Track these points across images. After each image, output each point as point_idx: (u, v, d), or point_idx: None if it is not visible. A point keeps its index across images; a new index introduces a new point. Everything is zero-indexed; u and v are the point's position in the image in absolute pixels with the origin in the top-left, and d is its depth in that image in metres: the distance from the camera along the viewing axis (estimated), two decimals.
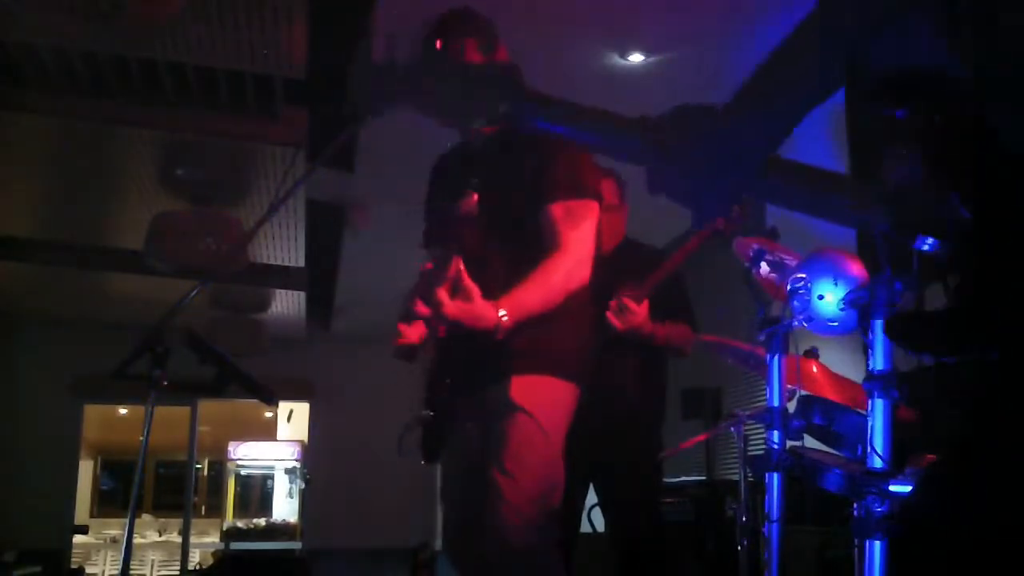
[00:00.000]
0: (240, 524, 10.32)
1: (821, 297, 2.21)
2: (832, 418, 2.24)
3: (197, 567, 10.36)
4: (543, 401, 2.21)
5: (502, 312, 2.11)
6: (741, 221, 3.05)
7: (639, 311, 3.07)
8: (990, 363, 0.89)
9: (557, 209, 2.25)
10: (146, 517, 13.61)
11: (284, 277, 7.90)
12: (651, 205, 4.02)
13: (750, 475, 2.92)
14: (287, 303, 8.67)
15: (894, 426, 1.74)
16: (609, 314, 3.07)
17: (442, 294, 2.06)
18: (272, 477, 11.07)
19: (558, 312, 2.26)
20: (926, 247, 1.07)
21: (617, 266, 3.16)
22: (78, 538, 10.45)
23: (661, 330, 3.16)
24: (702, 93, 4.83)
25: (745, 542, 2.79)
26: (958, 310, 0.90)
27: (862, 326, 1.83)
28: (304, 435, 10.91)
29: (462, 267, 2.09)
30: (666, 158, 0.90)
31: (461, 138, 2.42)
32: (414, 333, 2.34)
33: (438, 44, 2.30)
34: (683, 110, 0.93)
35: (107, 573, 10.99)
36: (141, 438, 2.23)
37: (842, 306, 2.01)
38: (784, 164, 0.93)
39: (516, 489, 2.12)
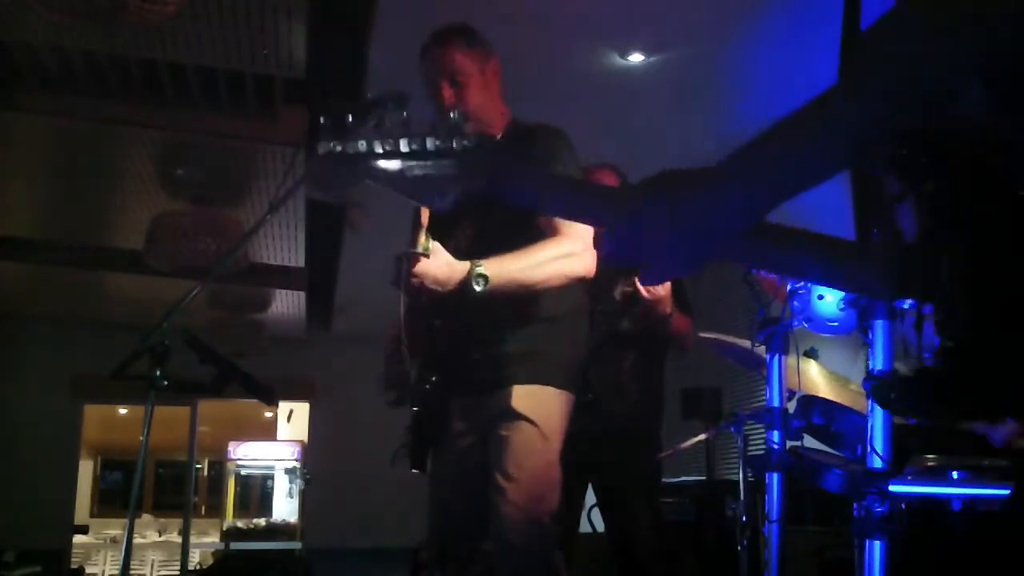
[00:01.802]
0: (240, 524, 10.30)
1: (821, 297, 2.21)
2: (832, 418, 2.24)
3: (197, 567, 10.35)
4: (543, 409, 2.27)
5: (480, 266, 2.13)
6: None
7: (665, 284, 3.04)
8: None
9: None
10: (146, 517, 13.59)
11: (284, 277, 7.89)
12: None
13: (750, 475, 2.92)
14: (287, 303, 8.67)
15: (894, 426, 1.74)
16: (635, 282, 3.03)
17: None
18: (272, 477, 11.05)
19: (555, 321, 2.31)
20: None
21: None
22: (78, 538, 10.45)
23: (676, 315, 3.14)
24: (702, 93, 4.85)
25: (745, 542, 2.79)
26: (953, 374, 0.89)
27: (862, 326, 1.83)
28: (304, 435, 10.90)
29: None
30: (636, 224, 0.87)
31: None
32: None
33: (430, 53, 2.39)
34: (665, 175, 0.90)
35: (107, 573, 10.99)
36: (141, 438, 2.23)
37: (842, 306, 2.02)
38: (774, 230, 0.93)
39: (519, 491, 2.19)
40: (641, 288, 3.03)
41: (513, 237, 2.31)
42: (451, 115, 1.04)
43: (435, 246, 2.14)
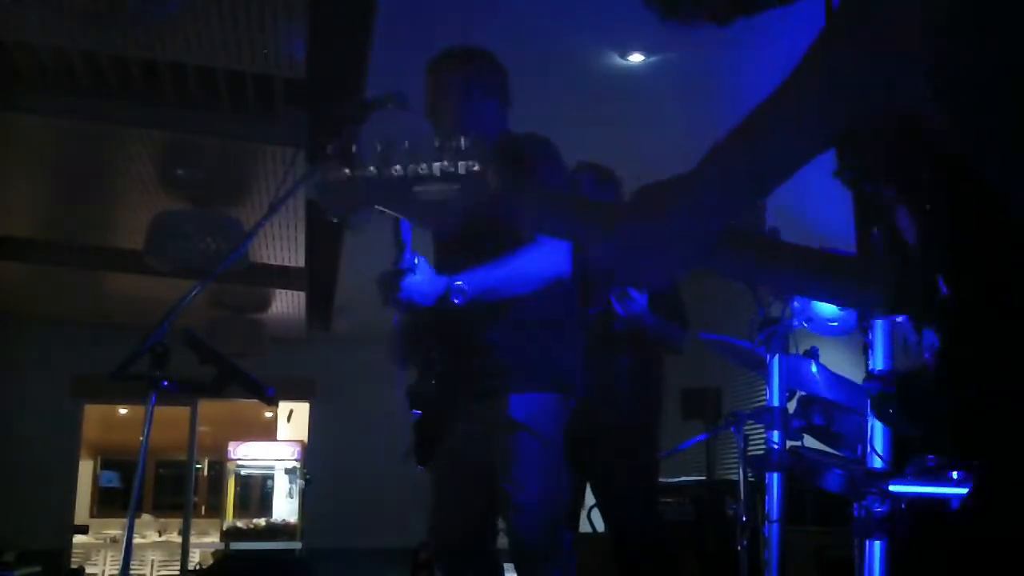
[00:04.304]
0: (240, 524, 10.31)
1: None
2: (832, 418, 2.24)
3: (197, 567, 10.35)
4: (540, 416, 2.28)
5: (457, 282, 2.16)
6: None
7: (640, 299, 3.07)
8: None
9: None
10: (146, 517, 13.61)
11: (284, 277, 7.89)
12: None
13: (750, 475, 2.92)
14: (287, 303, 8.66)
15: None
16: (613, 300, 3.07)
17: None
18: (272, 477, 11.05)
19: (547, 324, 2.31)
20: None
21: None
22: (78, 538, 10.45)
23: (658, 324, 3.16)
24: (702, 93, 4.85)
25: (745, 542, 2.80)
26: (952, 383, 0.88)
27: (862, 326, 1.83)
28: (304, 435, 10.90)
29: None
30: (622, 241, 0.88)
31: None
32: None
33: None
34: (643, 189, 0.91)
35: (107, 573, 10.99)
36: (141, 438, 2.23)
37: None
38: (767, 243, 0.94)
39: (528, 499, 2.21)
40: (617, 306, 3.05)
41: (495, 244, 2.29)
42: (462, 140, 1.04)
43: (420, 261, 2.15)
